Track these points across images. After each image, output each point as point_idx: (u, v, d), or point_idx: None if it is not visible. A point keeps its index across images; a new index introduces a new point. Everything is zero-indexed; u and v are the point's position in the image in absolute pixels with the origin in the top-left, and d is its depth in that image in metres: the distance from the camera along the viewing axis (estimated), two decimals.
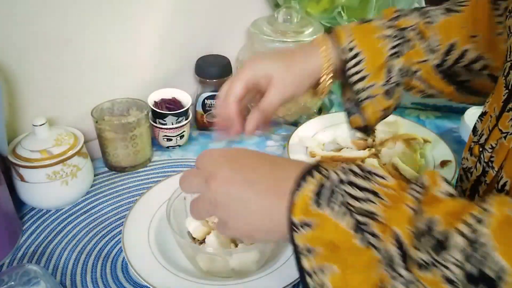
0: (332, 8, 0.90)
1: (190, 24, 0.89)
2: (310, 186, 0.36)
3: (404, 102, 0.73)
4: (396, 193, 0.35)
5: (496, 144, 0.44)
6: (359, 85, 0.55)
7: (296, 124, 0.92)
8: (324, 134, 0.87)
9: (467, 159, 0.51)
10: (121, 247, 0.63)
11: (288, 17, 0.87)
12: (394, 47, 0.55)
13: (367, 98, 0.56)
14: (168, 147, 0.86)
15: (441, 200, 0.34)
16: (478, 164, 0.47)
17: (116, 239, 0.66)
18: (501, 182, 0.43)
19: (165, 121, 0.83)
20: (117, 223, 0.69)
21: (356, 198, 0.35)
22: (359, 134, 0.85)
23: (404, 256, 0.32)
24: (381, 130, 0.84)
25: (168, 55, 0.89)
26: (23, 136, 0.69)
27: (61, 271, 0.61)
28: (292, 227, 0.36)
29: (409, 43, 0.55)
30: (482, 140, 0.48)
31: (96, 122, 0.75)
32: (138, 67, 0.86)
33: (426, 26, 0.56)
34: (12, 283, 0.53)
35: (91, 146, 0.80)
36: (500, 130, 0.44)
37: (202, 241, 0.61)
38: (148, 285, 0.54)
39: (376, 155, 0.79)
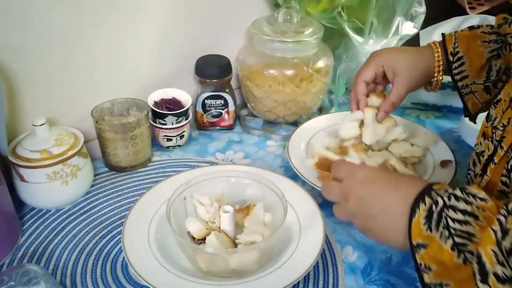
0: (332, 8, 0.90)
1: (190, 24, 0.89)
2: (422, 212, 0.43)
3: (404, 102, 0.74)
4: (491, 214, 0.40)
5: (508, 123, 0.49)
6: (462, 82, 0.67)
7: (296, 124, 0.92)
8: (323, 134, 0.87)
9: (480, 143, 0.57)
10: (121, 247, 0.63)
11: (288, 17, 0.87)
12: (494, 49, 0.65)
13: (469, 93, 0.68)
14: (168, 147, 0.86)
15: None
16: (490, 144, 0.52)
17: (116, 239, 0.66)
18: (511, 162, 0.47)
19: (165, 121, 0.83)
20: (117, 223, 0.69)
21: (457, 221, 0.41)
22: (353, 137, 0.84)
23: (484, 271, 0.37)
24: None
25: (168, 55, 0.89)
26: (23, 136, 0.69)
27: (61, 271, 0.61)
28: (413, 248, 0.43)
29: (508, 46, 0.64)
30: (496, 123, 0.53)
31: (96, 122, 0.75)
32: (138, 67, 0.86)
33: None
34: (12, 283, 0.53)
35: (91, 146, 0.80)
36: None
37: (202, 241, 0.61)
38: (148, 285, 0.54)
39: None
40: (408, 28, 0.96)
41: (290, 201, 0.67)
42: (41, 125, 0.66)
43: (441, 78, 0.70)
